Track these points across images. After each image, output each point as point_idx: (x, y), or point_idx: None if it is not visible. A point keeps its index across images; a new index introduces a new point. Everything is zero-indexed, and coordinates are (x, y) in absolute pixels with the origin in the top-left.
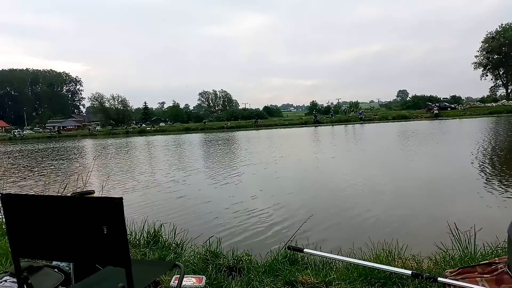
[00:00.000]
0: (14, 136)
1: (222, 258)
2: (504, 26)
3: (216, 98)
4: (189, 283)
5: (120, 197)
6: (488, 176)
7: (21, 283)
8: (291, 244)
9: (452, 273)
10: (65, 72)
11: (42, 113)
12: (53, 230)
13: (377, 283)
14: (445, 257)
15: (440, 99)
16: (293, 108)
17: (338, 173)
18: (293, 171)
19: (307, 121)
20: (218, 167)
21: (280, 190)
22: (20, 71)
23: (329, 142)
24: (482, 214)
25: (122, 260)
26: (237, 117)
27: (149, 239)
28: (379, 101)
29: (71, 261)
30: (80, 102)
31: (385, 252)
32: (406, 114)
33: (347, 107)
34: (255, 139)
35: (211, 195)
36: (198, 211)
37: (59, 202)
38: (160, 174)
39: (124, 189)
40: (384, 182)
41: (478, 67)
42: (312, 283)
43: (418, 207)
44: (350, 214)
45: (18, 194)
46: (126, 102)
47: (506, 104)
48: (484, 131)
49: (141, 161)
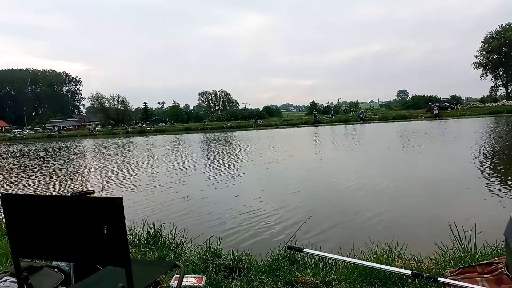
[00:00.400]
0: (14, 136)
1: (222, 258)
2: (504, 26)
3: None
4: (189, 283)
5: (120, 197)
6: (488, 176)
7: (21, 283)
8: (291, 244)
9: (452, 273)
10: (65, 72)
11: (42, 113)
12: (53, 230)
13: (377, 283)
14: (445, 257)
15: (440, 99)
16: (293, 108)
17: (339, 173)
18: (294, 171)
19: (307, 121)
20: (218, 167)
21: (280, 190)
22: (20, 71)
23: (329, 142)
24: (482, 214)
25: (122, 260)
26: (237, 117)
27: (149, 239)
28: (379, 101)
29: (71, 261)
30: (80, 102)
31: (385, 252)
32: (406, 114)
33: (347, 107)
34: (255, 139)
35: (211, 195)
36: (198, 211)
37: (59, 202)
38: (160, 174)
39: (124, 189)
40: (384, 182)
41: (478, 67)
42: (312, 283)
43: (418, 207)
44: (350, 214)
45: (18, 194)
46: (126, 102)
47: (506, 104)
48: (484, 131)
49: (141, 161)
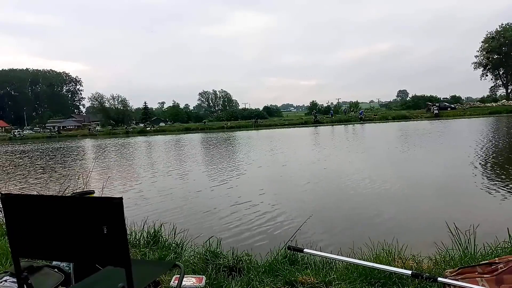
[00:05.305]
0: (14, 136)
1: (222, 258)
2: (504, 26)
3: (216, 98)
4: (189, 283)
5: (120, 197)
6: (488, 176)
7: (21, 283)
8: (291, 244)
9: (452, 273)
10: (65, 72)
11: (42, 113)
12: (53, 230)
13: (377, 283)
14: (445, 257)
15: (440, 99)
16: (293, 108)
17: (340, 173)
18: (295, 171)
19: (307, 121)
20: (219, 167)
21: (281, 191)
22: (20, 71)
23: (330, 142)
24: (482, 214)
25: (122, 260)
26: (237, 117)
27: (149, 239)
28: (379, 101)
29: (71, 261)
30: (80, 102)
31: (385, 252)
32: (406, 114)
33: (347, 107)
34: (255, 139)
35: (211, 195)
36: (198, 211)
37: (59, 202)
38: (160, 174)
39: (124, 189)
40: (384, 182)
41: (478, 67)
42: (312, 283)
43: (418, 207)
44: (350, 214)
45: (18, 194)
46: (126, 102)
47: (506, 104)
48: (484, 131)
49: (141, 161)
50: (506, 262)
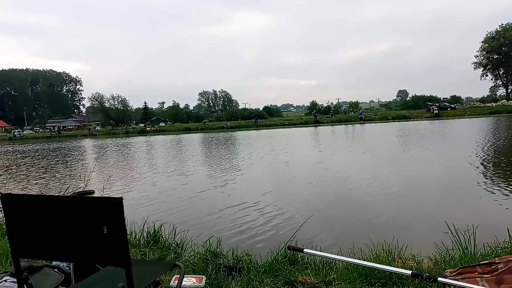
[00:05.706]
0: (14, 136)
1: (222, 258)
2: (504, 26)
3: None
4: (189, 283)
5: (120, 197)
6: (488, 176)
7: (21, 283)
8: (291, 244)
9: (452, 273)
10: (65, 72)
11: (42, 113)
12: (53, 230)
13: (377, 283)
14: (445, 257)
15: (440, 99)
16: (293, 108)
17: (341, 173)
18: (296, 171)
19: (307, 121)
20: (219, 168)
21: (281, 190)
22: (20, 71)
23: (330, 142)
24: (482, 214)
25: (122, 260)
26: (237, 117)
27: (149, 239)
28: (379, 101)
29: (71, 261)
30: (80, 102)
31: (385, 252)
32: (406, 114)
33: (347, 107)
34: (256, 139)
35: (212, 195)
36: (198, 211)
37: (59, 202)
38: (160, 174)
39: (124, 189)
40: (385, 182)
41: (478, 67)
42: (312, 283)
43: (418, 207)
44: (350, 214)
45: (18, 194)
46: (126, 102)
47: (506, 104)
48: (484, 131)
49: (142, 161)
50: (506, 262)
